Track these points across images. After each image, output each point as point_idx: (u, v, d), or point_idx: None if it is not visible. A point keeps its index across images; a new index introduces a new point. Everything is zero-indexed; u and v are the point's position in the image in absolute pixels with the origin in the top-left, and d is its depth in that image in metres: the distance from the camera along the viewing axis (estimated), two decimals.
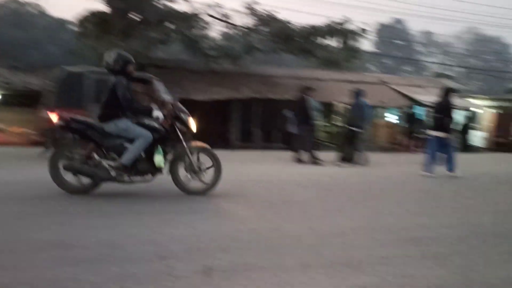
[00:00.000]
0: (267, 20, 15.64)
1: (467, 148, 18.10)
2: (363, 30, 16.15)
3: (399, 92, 18.96)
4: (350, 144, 10.81)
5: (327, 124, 18.83)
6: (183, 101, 6.28)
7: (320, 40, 16.09)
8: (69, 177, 5.51)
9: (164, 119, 5.62)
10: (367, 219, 5.00)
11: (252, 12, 15.69)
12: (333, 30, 15.59)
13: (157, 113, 5.59)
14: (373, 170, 10.05)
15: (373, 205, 5.83)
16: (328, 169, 9.99)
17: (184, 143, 5.74)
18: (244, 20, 16.01)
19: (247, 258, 3.44)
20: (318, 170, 9.75)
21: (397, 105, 18.44)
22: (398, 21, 60.41)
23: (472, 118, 20.66)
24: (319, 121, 13.86)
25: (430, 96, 19.15)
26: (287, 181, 7.94)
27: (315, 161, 10.91)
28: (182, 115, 5.80)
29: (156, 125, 5.61)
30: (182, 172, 5.83)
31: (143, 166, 5.58)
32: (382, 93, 18.44)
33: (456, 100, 14.66)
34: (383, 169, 10.42)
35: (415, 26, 62.49)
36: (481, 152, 19.63)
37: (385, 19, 57.34)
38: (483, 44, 63.79)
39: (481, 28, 62.21)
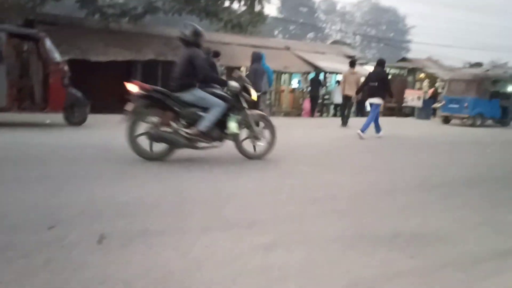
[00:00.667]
0: None
1: (363, 113, 19.17)
2: None
3: (302, 58, 19.39)
4: (253, 109, 10.82)
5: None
6: (79, 62, 5.79)
7: (224, 3, 15.74)
8: (144, 144, 5.65)
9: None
10: (271, 180, 5.06)
11: None
12: None
13: (233, 83, 5.98)
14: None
15: (278, 167, 5.91)
16: None
17: (247, 111, 6.08)
18: None
19: (146, 224, 3.28)
20: None
21: (300, 70, 18.89)
22: None
23: None
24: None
25: (331, 63, 19.89)
26: None
27: None
28: (247, 85, 6.13)
29: (226, 94, 5.95)
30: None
31: (215, 132, 5.87)
32: (286, 58, 18.73)
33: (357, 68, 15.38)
34: (287, 132, 10.61)
35: None
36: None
37: None
38: (379, 14, 67.49)
39: None
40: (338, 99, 16.84)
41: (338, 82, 17.84)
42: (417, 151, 8.48)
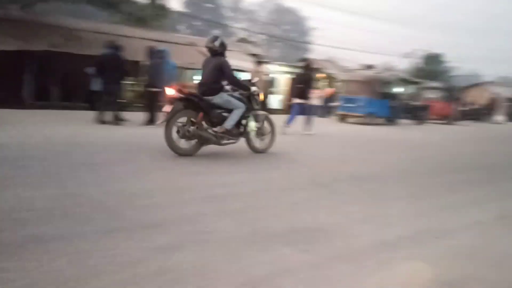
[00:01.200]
0: None
1: (267, 110, 19.69)
2: None
3: (207, 55, 19.35)
4: (151, 105, 10.62)
5: (133, 83, 18.24)
6: None
7: None
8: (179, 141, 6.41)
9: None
10: (173, 179, 5.05)
11: None
12: None
13: (255, 88, 7.12)
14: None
15: (180, 166, 5.90)
16: (134, 130, 9.71)
17: (257, 112, 7.21)
18: None
19: (42, 228, 3.13)
20: (122, 131, 9.38)
21: None
22: None
23: (272, 83, 22.52)
24: (126, 80, 13.33)
25: (237, 60, 20.13)
26: (90, 142, 7.44)
27: (118, 122, 10.52)
28: (257, 89, 7.20)
29: (242, 97, 6.92)
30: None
31: (235, 130, 6.83)
32: (191, 54, 18.59)
33: (260, 66, 15.79)
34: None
35: None
36: (278, 113, 21.65)
37: None
38: (282, 15, 69.58)
39: None
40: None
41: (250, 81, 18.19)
42: (311, 149, 8.94)
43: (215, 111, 6.63)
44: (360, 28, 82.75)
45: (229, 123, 6.65)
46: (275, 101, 22.91)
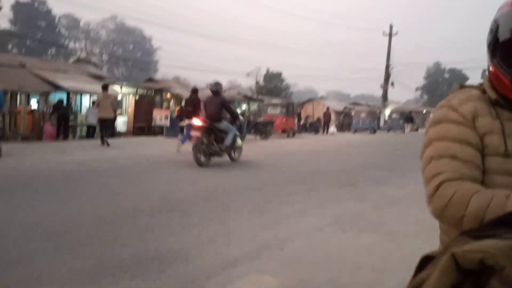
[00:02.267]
0: None
1: (114, 133, 18.85)
2: None
3: (41, 77, 17.84)
4: None
5: None
6: None
7: None
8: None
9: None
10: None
11: None
12: None
13: (241, 117, 11.32)
14: (5, 163, 9.09)
15: (6, 201, 5.26)
16: None
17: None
18: None
19: None
20: None
21: (38, 90, 17.35)
22: (38, 1, 56.72)
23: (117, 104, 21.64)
24: None
25: (75, 82, 18.94)
26: None
27: None
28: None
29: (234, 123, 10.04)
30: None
31: (230, 147, 9.71)
32: (22, 77, 16.93)
33: (95, 86, 15.16)
34: (19, 160, 9.54)
35: (57, 9, 60.32)
36: (123, 136, 20.91)
37: None
38: (125, 34, 67.87)
39: (122, 19, 65.69)
40: (92, 120, 16.50)
41: (94, 103, 17.29)
42: (159, 170, 8.79)
43: (219, 133, 9.49)
44: (203, 48, 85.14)
45: (228, 141, 9.53)
46: (120, 123, 22.08)
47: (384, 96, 41.61)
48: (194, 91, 13.27)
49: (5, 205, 5.07)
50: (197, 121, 9.48)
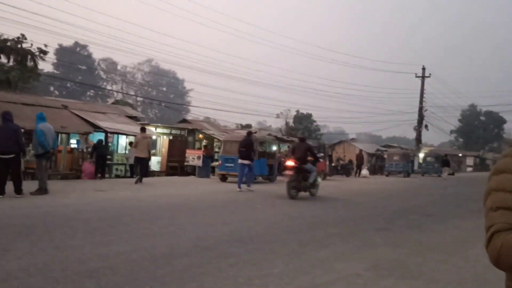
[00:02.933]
0: None
1: (147, 173, 19.22)
2: (42, 51, 15.13)
3: (81, 118, 18.59)
4: (7, 173, 9.64)
5: None
6: None
7: None
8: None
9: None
10: (42, 256, 4.58)
11: None
12: (5, 47, 13.94)
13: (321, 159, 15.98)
14: (47, 200, 9.37)
15: (50, 240, 5.40)
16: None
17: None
18: None
19: None
20: None
21: (79, 130, 18.03)
22: (80, 46, 59.73)
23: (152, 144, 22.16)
24: None
25: (113, 123, 19.60)
26: None
27: None
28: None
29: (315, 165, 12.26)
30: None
31: (312, 184, 11.97)
32: (64, 118, 17.69)
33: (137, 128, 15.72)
34: (62, 198, 9.83)
35: (97, 53, 63.30)
36: (157, 175, 21.25)
37: (67, 43, 55.71)
38: (159, 77, 70.25)
39: (157, 62, 68.13)
40: (132, 160, 17.14)
41: (131, 143, 17.89)
42: (193, 211, 8.87)
43: (305, 173, 11.65)
44: (233, 90, 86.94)
45: (312, 179, 11.77)
46: (154, 163, 22.51)
47: (418, 139, 41.09)
48: (249, 134, 15.10)
49: (48, 243, 5.21)
50: (290, 163, 11.65)
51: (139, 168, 15.02)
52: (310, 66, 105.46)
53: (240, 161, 14.00)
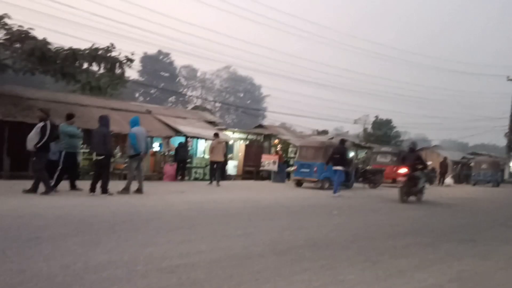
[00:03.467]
0: (20, 36, 14.05)
1: (224, 176, 19.75)
2: (129, 59, 16.12)
3: (164, 123, 19.54)
4: (99, 173, 10.40)
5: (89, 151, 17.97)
6: None
7: (82, 65, 15.29)
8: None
9: None
10: (128, 251, 4.89)
11: (2, 25, 13.88)
12: (96, 55, 15.03)
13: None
14: (134, 199, 9.97)
15: (135, 236, 5.75)
16: (91, 199, 9.44)
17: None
18: None
19: None
20: (83, 202, 9.07)
21: (161, 135, 18.95)
22: (163, 54, 62.70)
23: (227, 149, 22.74)
24: (81, 149, 13.15)
25: (193, 128, 20.37)
26: (37, 215, 7.15)
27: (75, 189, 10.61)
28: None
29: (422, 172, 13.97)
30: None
31: (420, 190, 13.51)
32: (148, 122, 18.69)
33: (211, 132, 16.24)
34: (145, 197, 10.41)
35: (179, 60, 66.11)
36: (233, 179, 21.72)
37: (151, 50, 58.87)
38: (237, 83, 71.77)
39: (235, 68, 69.68)
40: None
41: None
42: (269, 215, 8.97)
43: (414, 180, 12.96)
44: (310, 95, 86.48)
45: (421, 185, 13.18)
46: (231, 167, 23.02)
47: (509, 146, 38.22)
48: (342, 141, 15.71)
49: (134, 240, 5.55)
50: (403, 170, 13.19)
51: (217, 171, 15.80)
52: (390, 70, 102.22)
53: (334, 167, 14.62)
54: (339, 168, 14.47)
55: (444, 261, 5.52)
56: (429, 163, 18.12)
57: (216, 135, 16.91)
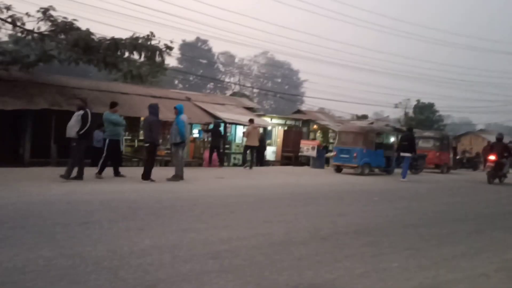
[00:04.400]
0: (65, 28, 14.45)
1: (262, 162, 19.81)
2: (168, 47, 16.29)
3: (203, 109, 19.73)
4: (148, 159, 10.69)
5: (131, 138, 18.44)
6: None
7: (124, 54, 15.59)
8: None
9: None
10: (171, 236, 5.00)
11: (48, 17, 14.31)
12: (137, 44, 15.27)
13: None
14: (174, 186, 10.15)
15: (177, 222, 5.87)
16: (135, 185, 9.68)
17: None
18: (38, 25, 14.46)
19: None
20: (127, 188, 9.31)
21: (201, 121, 19.15)
22: (201, 41, 63.09)
23: (266, 135, 22.77)
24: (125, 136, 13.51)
25: (231, 114, 20.47)
26: (86, 200, 7.40)
27: (119, 175, 11.08)
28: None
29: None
30: None
31: (504, 174, 16.06)
32: (187, 109, 18.90)
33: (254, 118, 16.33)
34: (186, 184, 10.57)
35: (216, 47, 66.35)
36: (272, 165, 21.75)
37: (189, 38, 59.32)
38: (274, 68, 71.41)
39: (272, 54, 69.26)
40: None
41: (243, 133, 18.92)
42: (309, 201, 8.92)
43: (501, 165, 15.36)
44: (348, 79, 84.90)
45: (505, 170, 15.70)
46: (269, 153, 23.05)
47: None
48: (409, 129, 17.33)
49: (176, 226, 5.66)
50: (492, 157, 15.30)
51: (253, 156, 16.67)
52: (432, 52, 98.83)
53: (402, 154, 15.69)
54: (407, 154, 15.49)
55: (490, 249, 5.34)
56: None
57: (251, 121, 17.24)
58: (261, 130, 20.21)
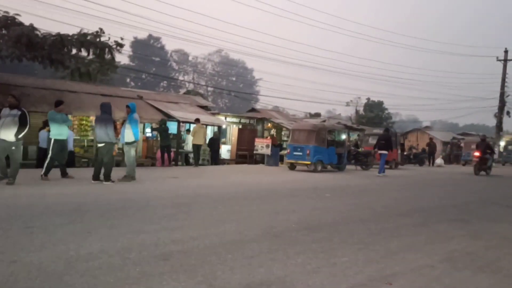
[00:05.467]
0: (6, 23, 13.77)
1: (216, 161, 19.73)
2: (119, 44, 15.88)
3: (155, 108, 19.38)
4: (101, 160, 10.34)
5: (80, 138, 17.85)
6: None
7: (71, 51, 15.04)
8: None
9: None
10: (121, 239, 4.87)
11: None
12: (85, 41, 14.78)
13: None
14: (125, 186, 9.93)
15: (128, 224, 5.72)
16: (83, 187, 9.37)
17: None
18: None
19: None
20: (74, 190, 8.99)
21: (152, 120, 18.82)
22: (154, 38, 62.02)
23: (220, 133, 22.68)
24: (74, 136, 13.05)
25: (185, 112, 20.24)
26: (28, 204, 7.09)
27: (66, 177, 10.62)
28: None
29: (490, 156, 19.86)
30: None
31: (489, 167, 19.87)
32: (139, 108, 18.51)
33: (209, 117, 16.20)
34: (138, 184, 10.36)
35: (170, 45, 65.43)
36: (227, 163, 21.71)
37: (141, 35, 58.11)
38: (229, 67, 71.33)
39: (227, 52, 69.11)
40: (189, 146, 19.18)
41: (188, 131, 19.94)
42: (262, 199, 8.97)
43: (485, 160, 18.89)
44: (302, 79, 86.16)
45: (489, 164, 19.02)
46: (224, 151, 22.99)
47: (499, 126, 38.42)
48: (387, 130, 19.41)
49: (126, 227, 5.52)
50: (477, 153, 19.30)
51: (198, 154, 17.49)
52: (381, 53, 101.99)
53: (379, 151, 17.47)
54: (384, 152, 17.25)
55: (435, 241, 5.56)
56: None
57: (197, 120, 17.69)
58: (209, 129, 20.47)
